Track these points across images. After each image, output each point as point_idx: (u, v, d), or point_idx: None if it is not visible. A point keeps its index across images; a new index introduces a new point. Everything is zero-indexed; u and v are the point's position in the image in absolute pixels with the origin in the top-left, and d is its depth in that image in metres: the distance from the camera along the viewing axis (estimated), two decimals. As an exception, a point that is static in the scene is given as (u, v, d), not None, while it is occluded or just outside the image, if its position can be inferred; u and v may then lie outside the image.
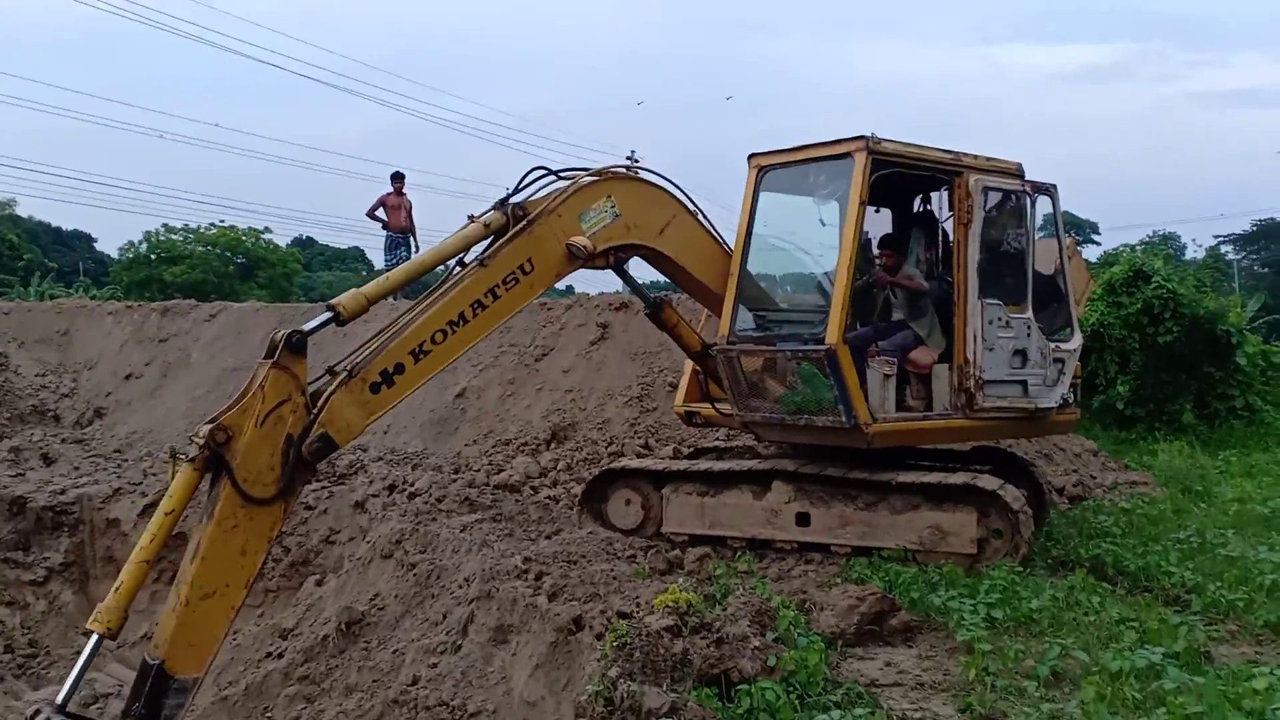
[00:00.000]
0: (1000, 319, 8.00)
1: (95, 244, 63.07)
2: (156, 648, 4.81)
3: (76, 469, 11.49)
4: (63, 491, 10.30)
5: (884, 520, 7.71)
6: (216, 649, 5.01)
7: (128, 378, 15.97)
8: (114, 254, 47.34)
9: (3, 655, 9.25)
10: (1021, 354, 8.17)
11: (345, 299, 5.55)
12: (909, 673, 5.33)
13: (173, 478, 4.92)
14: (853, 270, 7.69)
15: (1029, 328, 8.21)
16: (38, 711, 4.64)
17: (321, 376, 5.38)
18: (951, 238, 8.25)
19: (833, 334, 7.40)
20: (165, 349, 16.41)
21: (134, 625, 9.59)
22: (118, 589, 4.72)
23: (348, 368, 5.38)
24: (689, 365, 9.37)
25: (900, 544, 7.56)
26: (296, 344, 5.07)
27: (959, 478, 7.63)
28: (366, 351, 5.52)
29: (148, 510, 9.86)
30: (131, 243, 43.24)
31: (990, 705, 4.72)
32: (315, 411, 5.17)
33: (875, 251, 8.89)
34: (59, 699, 4.67)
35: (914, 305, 8.44)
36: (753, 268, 8.25)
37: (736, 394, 8.16)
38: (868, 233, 8.63)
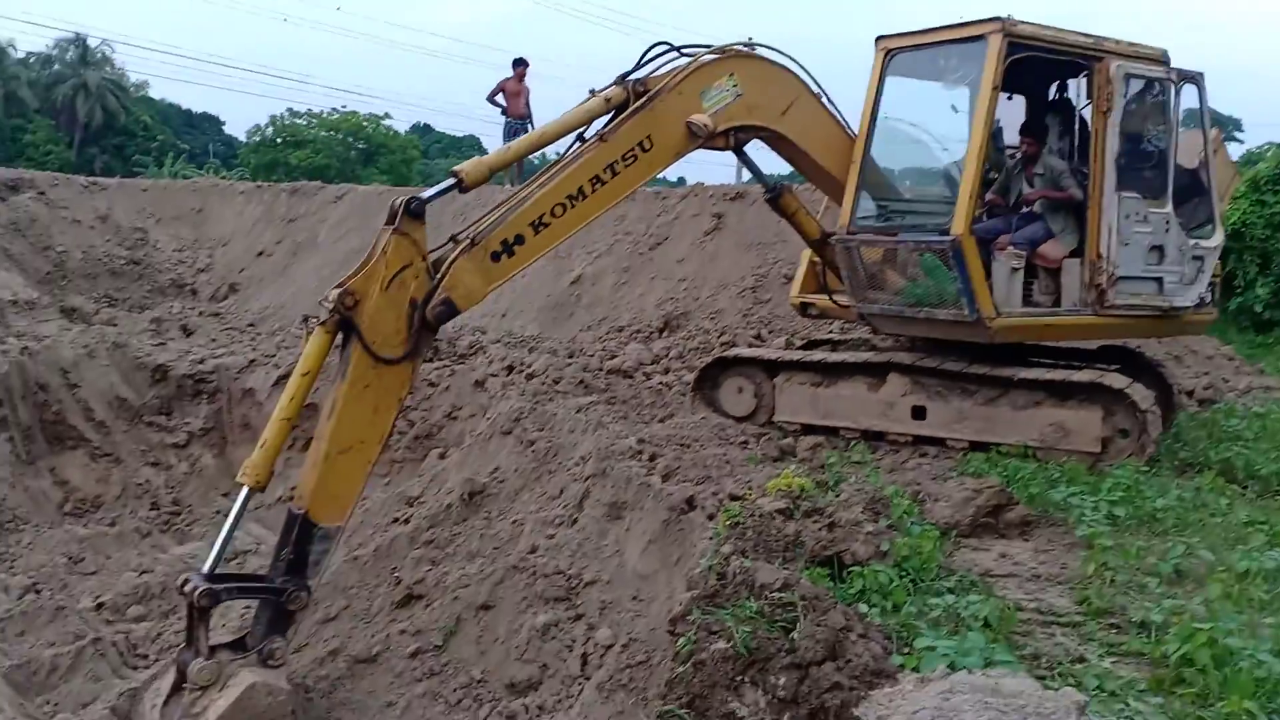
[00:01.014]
0: (1137, 213, 7.68)
1: (223, 127, 64.77)
2: (300, 499, 5.13)
3: (213, 340, 12.05)
4: (201, 361, 10.82)
5: (1004, 416, 7.60)
6: (356, 501, 5.32)
7: (259, 255, 16.58)
8: (241, 137, 48.58)
9: (149, 512, 9.87)
10: (1158, 250, 7.85)
11: (468, 166, 5.64)
12: (1024, 565, 5.31)
13: (307, 341, 5.16)
14: (983, 160, 7.45)
15: (1167, 223, 7.87)
16: (186, 580, 5.01)
17: (445, 244, 5.52)
18: (1089, 127, 7.90)
19: (959, 225, 7.22)
20: (294, 229, 16.94)
21: (269, 488, 10.15)
22: (262, 445, 5.03)
23: (470, 236, 5.50)
24: (806, 256, 9.26)
25: (1020, 440, 7.46)
26: (416, 210, 5.21)
27: (1085, 375, 7.46)
28: (488, 221, 5.63)
29: (281, 381, 10.31)
30: (258, 126, 44.26)
31: (1109, 599, 4.68)
32: (438, 277, 5.33)
33: (1017, 140, 8.56)
34: (206, 567, 5.03)
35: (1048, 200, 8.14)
36: (876, 155, 8.04)
37: (854, 285, 8.06)
38: (999, 121, 8.31)
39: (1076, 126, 8.37)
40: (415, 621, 6.82)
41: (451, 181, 5.54)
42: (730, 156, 7.60)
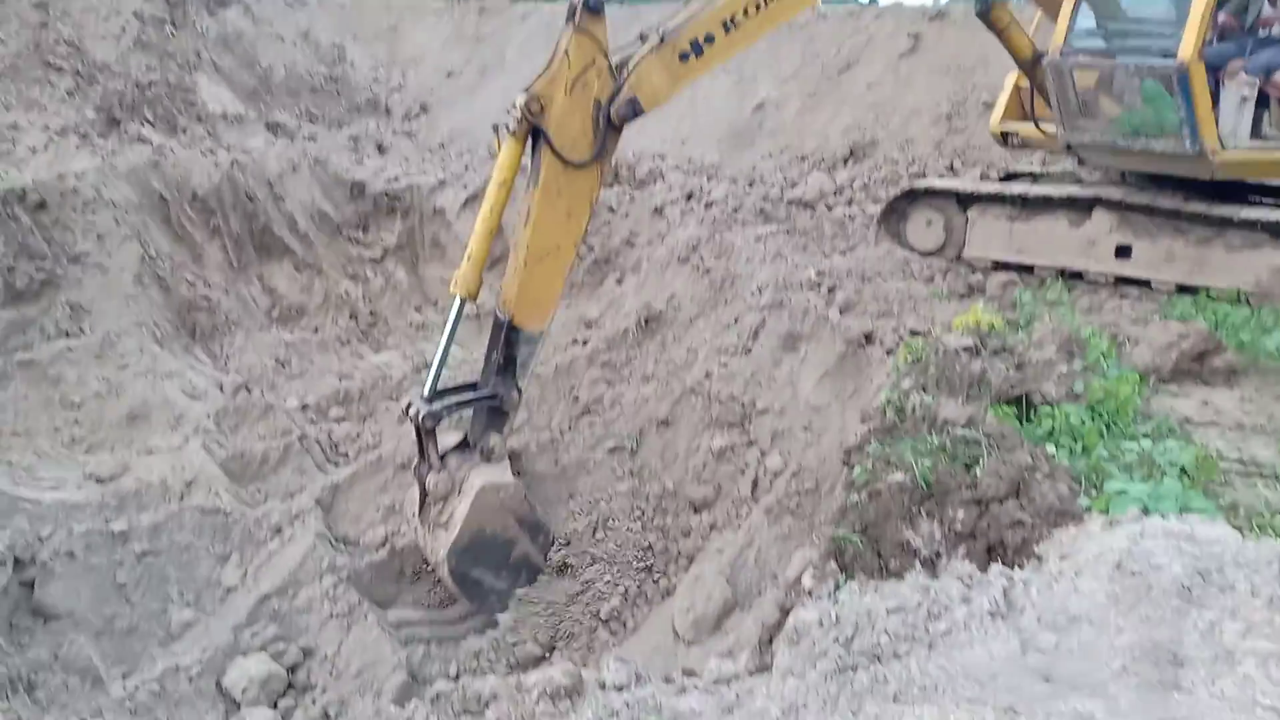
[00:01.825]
0: None
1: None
2: (505, 306, 5.44)
3: (406, 159, 12.36)
4: (395, 179, 11.15)
5: (1217, 258, 7.05)
6: (557, 305, 5.59)
7: (449, 75, 16.75)
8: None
9: (348, 322, 10.45)
10: None
11: None
12: (1227, 413, 5.01)
13: (499, 150, 5.28)
14: None
15: None
16: (409, 404, 5.50)
17: (633, 43, 5.46)
18: None
19: (1187, 48, 6.57)
20: (482, 49, 16.98)
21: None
22: (469, 257, 5.30)
23: (660, 34, 5.41)
24: (1010, 80, 8.67)
25: (1234, 284, 6.93)
26: (595, 5, 5.13)
27: None
28: (678, 19, 5.53)
29: (470, 201, 10.56)
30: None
31: (1319, 454, 4.39)
32: (625, 75, 5.31)
33: None
34: (426, 389, 5.49)
35: None
36: None
37: (1065, 112, 7.50)
38: None
39: None
40: (595, 430, 7.08)
41: None
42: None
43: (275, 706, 5.09)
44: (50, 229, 8.91)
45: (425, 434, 5.50)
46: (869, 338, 6.72)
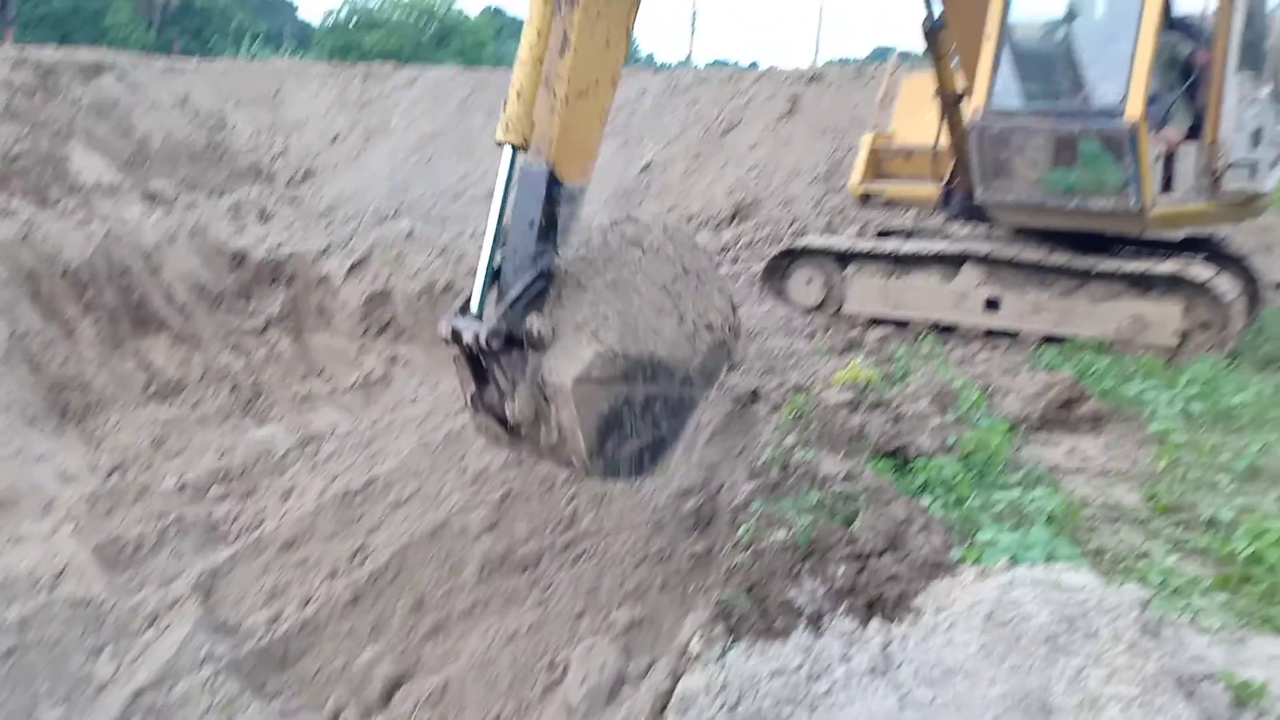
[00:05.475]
0: (1249, 95, 7.24)
1: (297, 11, 64.34)
2: (542, 153, 4.47)
3: (289, 227, 12.17)
4: (278, 247, 10.94)
5: (1081, 308, 7.38)
6: (596, 156, 4.77)
7: (333, 140, 16.63)
8: (314, 22, 48.31)
9: (229, 395, 10.15)
10: (1257, 134, 7.44)
11: None
12: (1094, 460, 5.22)
13: None
14: (1159, 31, 6.79)
15: (1268, 104, 7.44)
16: (455, 331, 4.24)
17: None
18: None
19: (1135, 107, 6.65)
20: (367, 113, 16.93)
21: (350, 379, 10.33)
22: (520, 94, 4.25)
23: None
24: (865, 141, 9.01)
25: (1096, 333, 7.26)
26: None
27: (1168, 266, 7.17)
28: None
29: (355, 268, 10.44)
30: (332, 10, 44.01)
31: (1179, 495, 4.59)
32: None
33: None
34: (473, 305, 4.26)
35: (1166, 76, 7.50)
36: (1015, 19, 7.37)
37: (983, 173, 7.49)
38: None
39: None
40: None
41: None
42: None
43: (151, 806, 4.83)
44: (-88, 307, 8.50)
45: (489, 358, 4.27)
46: (755, 395, 6.81)
